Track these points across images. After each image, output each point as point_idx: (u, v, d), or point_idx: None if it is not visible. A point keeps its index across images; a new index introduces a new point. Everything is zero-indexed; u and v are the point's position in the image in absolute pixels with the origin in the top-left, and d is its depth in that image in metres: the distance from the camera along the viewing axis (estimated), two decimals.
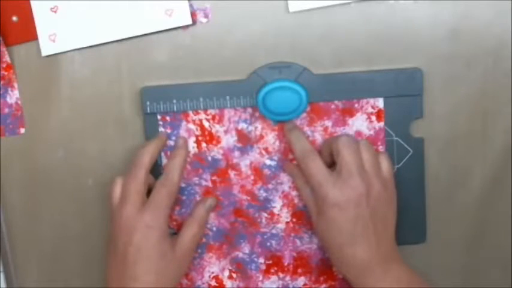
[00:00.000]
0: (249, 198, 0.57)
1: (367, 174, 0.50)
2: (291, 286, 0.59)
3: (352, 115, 0.55)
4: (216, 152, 0.57)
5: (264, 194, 0.57)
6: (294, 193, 0.57)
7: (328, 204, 0.50)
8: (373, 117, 0.55)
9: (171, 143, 0.57)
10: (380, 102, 0.55)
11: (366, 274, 0.50)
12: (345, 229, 0.50)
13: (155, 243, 0.52)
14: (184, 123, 0.56)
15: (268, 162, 0.57)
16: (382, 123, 0.55)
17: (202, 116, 0.56)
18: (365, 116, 0.55)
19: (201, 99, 0.56)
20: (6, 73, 0.57)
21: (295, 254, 0.58)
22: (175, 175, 0.54)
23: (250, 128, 0.56)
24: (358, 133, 0.56)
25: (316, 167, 0.51)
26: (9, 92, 0.58)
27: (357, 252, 0.50)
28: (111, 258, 0.53)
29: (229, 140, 0.57)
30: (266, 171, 0.57)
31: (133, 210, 0.52)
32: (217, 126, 0.56)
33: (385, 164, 0.52)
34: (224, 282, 0.59)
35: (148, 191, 0.54)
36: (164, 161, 0.56)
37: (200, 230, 0.56)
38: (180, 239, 0.54)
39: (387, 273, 0.50)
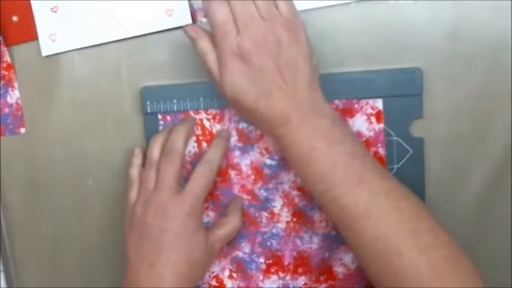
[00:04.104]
0: (249, 197, 0.57)
1: (263, 21, 0.47)
2: (291, 286, 0.59)
3: (352, 115, 0.56)
4: None
5: (265, 194, 0.57)
6: (294, 193, 0.57)
7: (229, 55, 0.47)
8: (373, 118, 0.55)
9: None
10: (379, 104, 0.55)
11: (282, 123, 0.48)
12: (254, 80, 0.47)
13: (193, 233, 0.52)
14: None
15: (268, 161, 0.57)
16: (382, 125, 0.55)
17: (202, 115, 0.56)
18: (365, 117, 0.55)
19: (201, 99, 0.56)
20: (6, 73, 0.58)
21: (295, 254, 0.58)
22: (215, 166, 0.54)
23: (251, 127, 0.56)
24: (358, 134, 0.56)
25: (221, 15, 0.48)
26: (10, 91, 0.58)
27: (272, 104, 0.47)
28: (141, 242, 0.52)
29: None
30: (266, 171, 0.57)
31: (171, 197, 0.52)
32: (217, 125, 0.56)
33: (282, 5, 0.49)
34: (224, 282, 0.59)
35: None
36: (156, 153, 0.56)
37: (235, 230, 0.56)
38: (215, 236, 0.54)
39: (305, 123, 0.47)
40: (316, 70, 0.50)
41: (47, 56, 0.57)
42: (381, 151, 0.56)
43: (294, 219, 0.58)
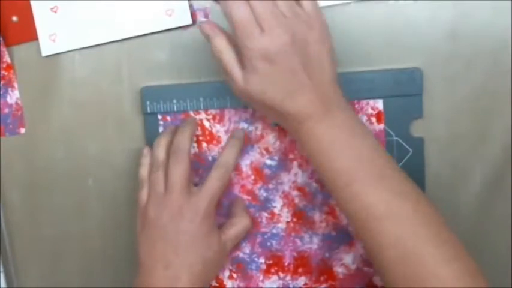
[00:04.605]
0: (249, 198, 0.57)
1: (286, 20, 0.47)
2: (291, 286, 0.59)
3: None
4: (216, 152, 0.57)
5: (265, 194, 0.57)
6: (294, 193, 0.57)
7: (257, 57, 0.47)
8: (373, 119, 0.55)
9: None
10: (379, 104, 0.55)
11: (306, 118, 0.48)
12: (280, 80, 0.47)
13: (207, 234, 0.52)
14: None
15: (268, 162, 0.57)
16: (382, 125, 0.55)
17: (202, 115, 0.56)
18: (365, 117, 0.55)
19: (202, 99, 0.56)
20: (6, 73, 0.58)
21: (295, 254, 0.58)
22: (230, 168, 0.54)
23: (251, 128, 0.56)
24: None
25: (243, 15, 0.47)
26: (10, 92, 0.58)
27: (297, 101, 0.47)
28: (154, 243, 0.52)
29: None
30: (266, 171, 0.57)
31: (184, 198, 0.52)
32: (217, 126, 0.56)
33: (304, 1, 0.48)
34: (224, 282, 0.59)
35: None
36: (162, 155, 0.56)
37: (245, 229, 0.56)
38: (226, 236, 0.55)
39: (326, 116, 0.47)
40: (336, 66, 0.49)
41: (47, 56, 0.57)
42: None
43: (294, 219, 0.58)
